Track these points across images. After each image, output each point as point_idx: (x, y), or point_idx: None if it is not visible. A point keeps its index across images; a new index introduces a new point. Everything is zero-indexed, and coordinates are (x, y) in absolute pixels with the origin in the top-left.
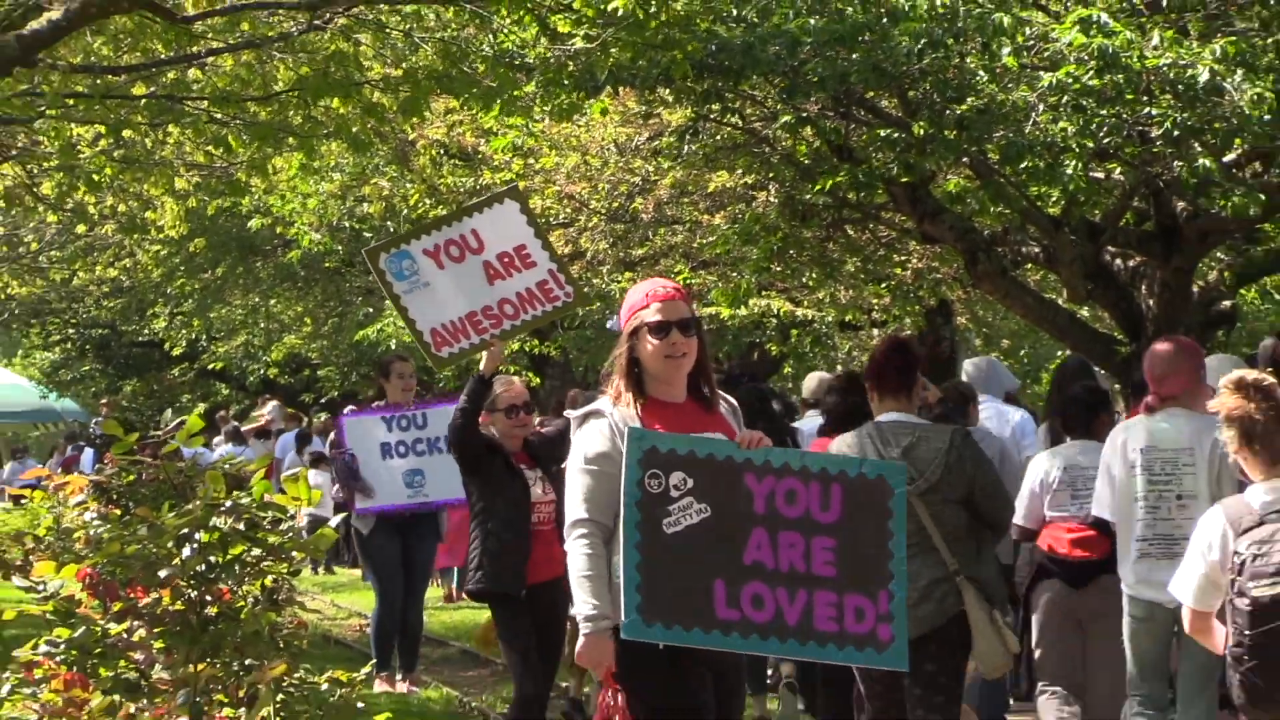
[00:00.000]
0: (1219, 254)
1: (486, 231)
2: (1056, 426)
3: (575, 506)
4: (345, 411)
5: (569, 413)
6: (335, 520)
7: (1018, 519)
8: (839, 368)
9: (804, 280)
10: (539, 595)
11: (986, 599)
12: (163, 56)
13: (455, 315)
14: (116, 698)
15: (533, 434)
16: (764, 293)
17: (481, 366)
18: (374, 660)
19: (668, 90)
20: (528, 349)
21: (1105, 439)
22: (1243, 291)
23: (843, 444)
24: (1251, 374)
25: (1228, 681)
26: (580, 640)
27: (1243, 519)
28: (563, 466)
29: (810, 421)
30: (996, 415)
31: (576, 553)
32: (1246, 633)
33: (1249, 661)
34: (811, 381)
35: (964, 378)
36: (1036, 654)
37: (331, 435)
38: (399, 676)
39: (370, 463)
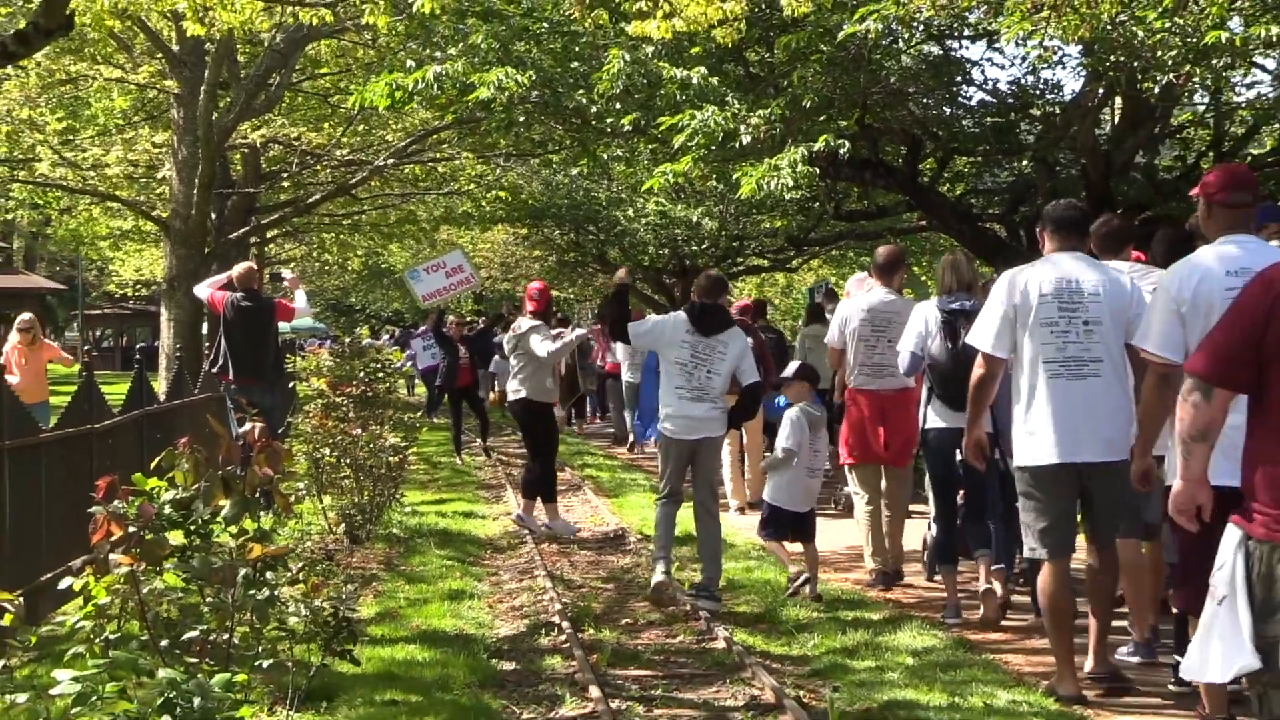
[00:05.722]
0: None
1: (447, 259)
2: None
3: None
4: (412, 332)
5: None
6: (407, 364)
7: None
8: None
9: (566, 285)
10: (463, 390)
11: None
12: (354, 210)
13: (432, 290)
14: (337, 424)
15: (469, 330)
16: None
17: (439, 308)
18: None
19: (519, 223)
20: (474, 307)
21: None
22: None
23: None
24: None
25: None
26: None
27: None
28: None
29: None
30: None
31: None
32: None
33: None
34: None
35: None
36: None
37: (408, 340)
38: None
39: (418, 350)
